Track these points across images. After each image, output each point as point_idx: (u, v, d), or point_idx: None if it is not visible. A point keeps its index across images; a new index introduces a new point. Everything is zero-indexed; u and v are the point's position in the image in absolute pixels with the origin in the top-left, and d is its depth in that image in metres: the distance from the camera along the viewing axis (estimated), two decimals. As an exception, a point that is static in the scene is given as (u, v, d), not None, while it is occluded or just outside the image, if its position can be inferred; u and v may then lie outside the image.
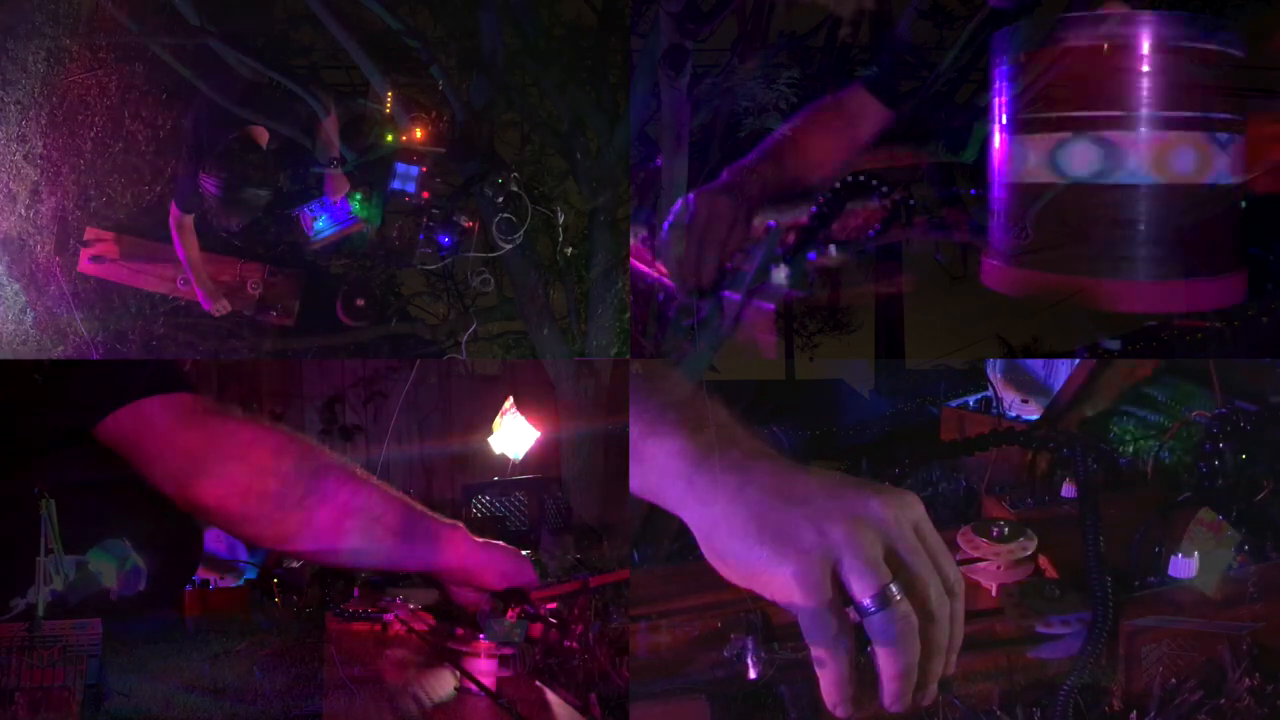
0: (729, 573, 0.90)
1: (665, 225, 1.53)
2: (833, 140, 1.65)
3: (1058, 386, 1.62)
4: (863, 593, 0.82)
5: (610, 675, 1.10)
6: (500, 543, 1.33)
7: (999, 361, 1.72)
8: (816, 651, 0.84)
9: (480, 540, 1.30)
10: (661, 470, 0.93)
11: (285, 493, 1.19)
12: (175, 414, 1.20)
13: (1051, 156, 1.25)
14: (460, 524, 1.30)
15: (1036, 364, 1.70)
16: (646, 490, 0.97)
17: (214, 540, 1.91)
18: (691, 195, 1.50)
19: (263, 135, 2.42)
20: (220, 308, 2.56)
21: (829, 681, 0.84)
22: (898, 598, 0.82)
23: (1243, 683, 0.98)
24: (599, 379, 3.05)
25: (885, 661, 0.83)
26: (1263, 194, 1.38)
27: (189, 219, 2.46)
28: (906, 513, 0.85)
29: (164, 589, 1.65)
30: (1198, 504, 1.20)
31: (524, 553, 1.35)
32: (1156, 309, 1.47)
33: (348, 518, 1.21)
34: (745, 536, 0.87)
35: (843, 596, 0.83)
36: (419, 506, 1.28)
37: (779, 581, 0.84)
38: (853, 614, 0.84)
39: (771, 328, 1.48)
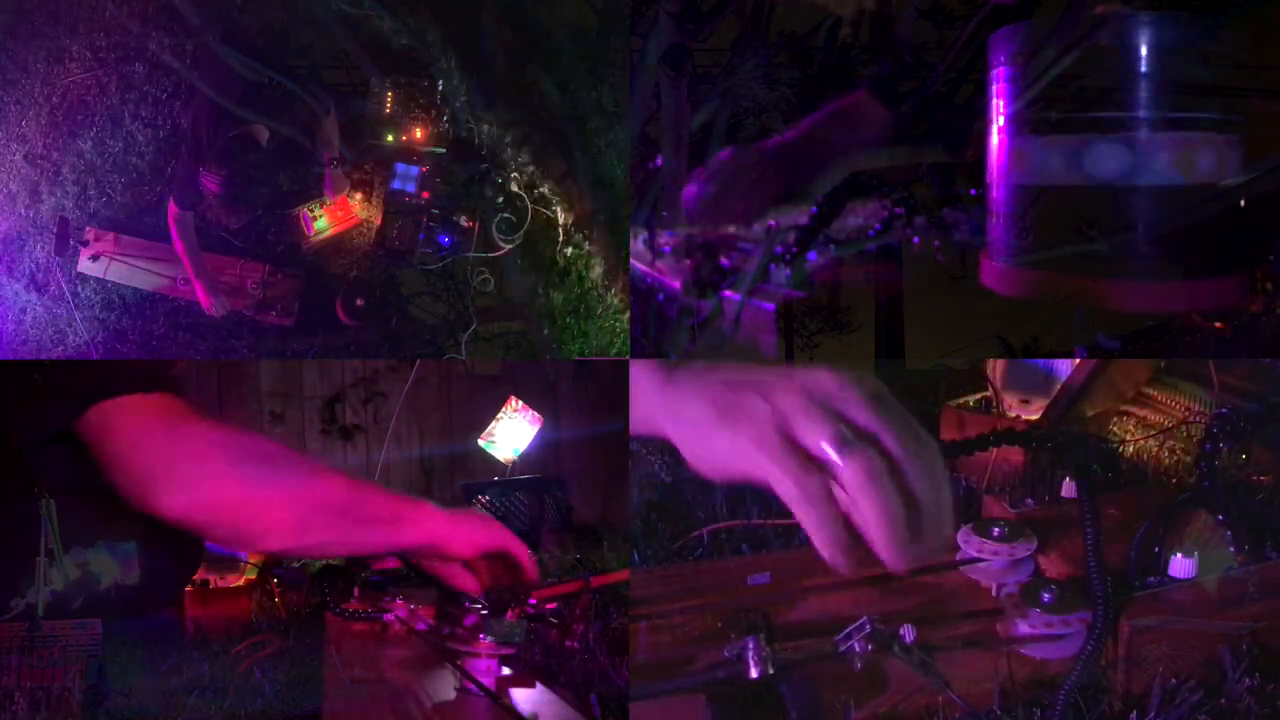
0: (708, 469, 0.89)
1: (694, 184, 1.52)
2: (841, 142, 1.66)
3: (1058, 386, 1.62)
4: (817, 444, 0.82)
5: (610, 675, 1.10)
6: (470, 509, 1.34)
7: (999, 361, 1.72)
8: (800, 515, 0.83)
9: (447, 511, 1.31)
10: (645, 400, 0.96)
11: (248, 497, 1.19)
12: (141, 416, 1.19)
13: (1064, 157, 1.25)
14: (425, 501, 1.31)
15: (1036, 364, 1.70)
16: (640, 424, 0.99)
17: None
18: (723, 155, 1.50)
19: (262, 133, 2.42)
20: (219, 306, 2.55)
21: (821, 539, 0.83)
22: (855, 439, 0.82)
23: (1243, 683, 0.98)
24: (599, 379, 3.05)
25: (866, 509, 0.81)
26: (1263, 194, 1.38)
27: (188, 216, 2.46)
28: (858, 385, 0.85)
29: (164, 589, 1.65)
30: (1198, 504, 1.20)
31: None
32: (1156, 309, 1.47)
33: (312, 514, 1.22)
34: (708, 424, 0.88)
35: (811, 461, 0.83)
36: (382, 491, 1.29)
37: (743, 457, 0.84)
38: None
39: (771, 328, 1.48)
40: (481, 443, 2.71)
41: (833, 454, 0.81)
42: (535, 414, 2.73)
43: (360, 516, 1.25)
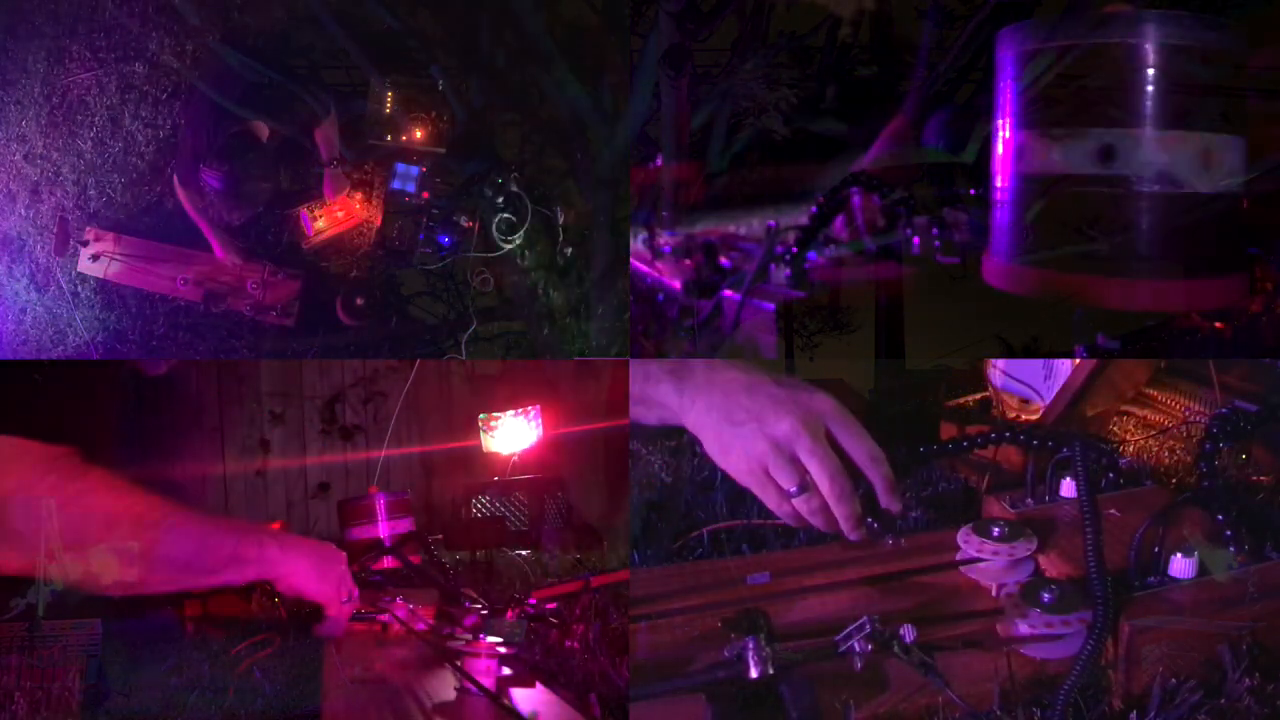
0: (716, 458, 1.24)
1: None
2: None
3: (1058, 386, 1.62)
4: (785, 482, 1.19)
5: (610, 675, 1.10)
6: (321, 549, 1.35)
7: (999, 361, 1.72)
8: (777, 512, 1.22)
9: (292, 545, 1.32)
10: (662, 396, 1.27)
11: (87, 562, 1.19)
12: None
13: (1066, 155, 1.25)
14: (266, 535, 1.31)
15: (1036, 364, 1.70)
16: (654, 412, 1.29)
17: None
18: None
19: (263, 130, 2.41)
20: (233, 259, 2.51)
21: (791, 521, 1.22)
22: (808, 489, 1.19)
23: (1243, 683, 0.98)
24: (599, 379, 3.05)
25: (814, 522, 1.20)
26: (1263, 194, 1.38)
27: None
28: (809, 422, 1.19)
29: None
30: (1198, 504, 1.20)
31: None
32: (1156, 309, 1.47)
33: (157, 570, 1.22)
34: (717, 446, 1.24)
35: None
36: (230, 532, 1.29)
37: (734, 467, 1.22)
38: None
39: (771, 328, 1.48)
40: (481, 442, 2.71)
41: (793, 492, 1.20)
42: (535, 414, 2.73)
43: (202, 567, 1.25)
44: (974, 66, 1.92)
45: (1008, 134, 1.34)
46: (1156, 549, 1.11)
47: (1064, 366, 1.63)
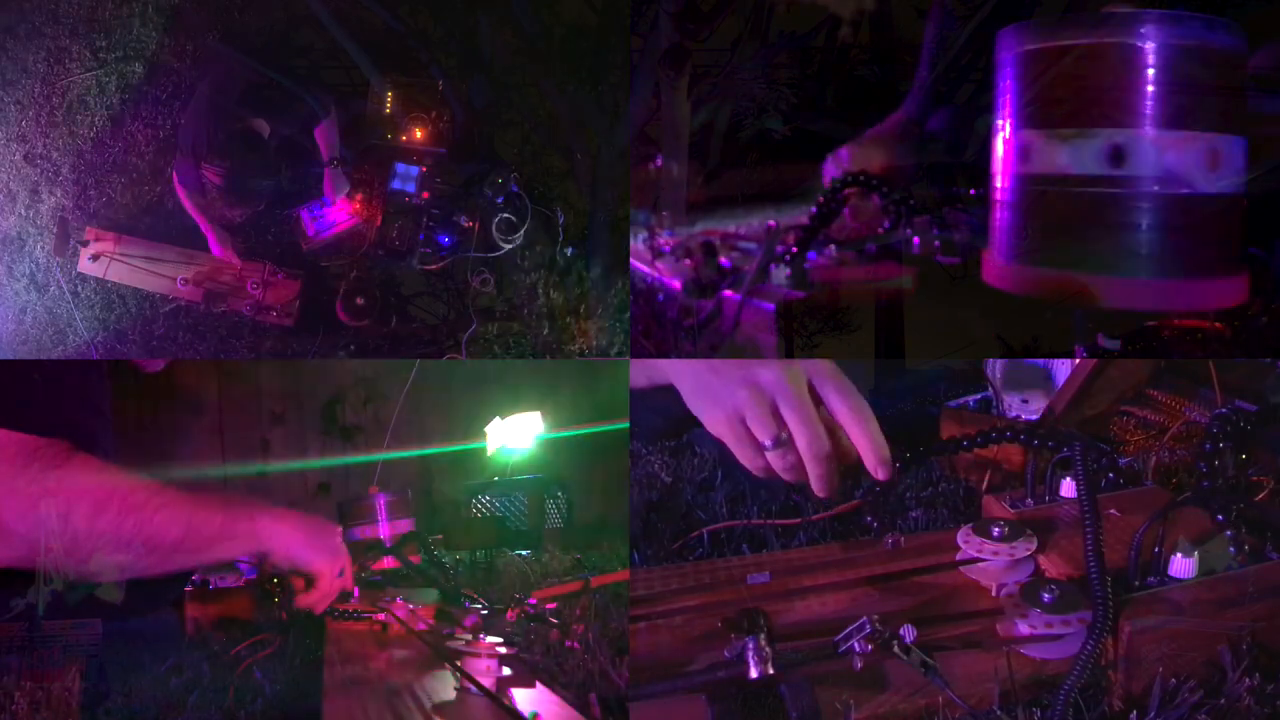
0: (693, 409, 1.23)
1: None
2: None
3: (1058, 386, 1.62)
4: (761, 435, 1.17)
5: (610, 675, 1.10)
6: (313, 517, 1.36)
7: (999, 361, 1.72)
8: (748, 467, 1.20)
9: (282, 520, 1.34)
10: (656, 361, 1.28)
11: (75, 548, 1.21)
12: None
13: (1066, 155, 1.25)
14: (261, 513, 1.32)
15: (1036, 364, 1.70)
16: (652, 377, 1.29)
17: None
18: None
19: (264, 127, 2.41)
20: (228, 256, 2.52)
21: (763, 475, 1.20)
22: (784, 440, 1.16)
23: (1243, 683, 0.98)
24: (599, 379, 3.05)
25: (787, 478, 1.20)
26: (1263, 194, 1.38)
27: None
28: (794, 375, 1.16)
29: (164, 589, 1.65)
30: (1198, 504, 1.20)
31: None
32: (1156, 308, 1.46)
33: (148, 555, 1.24)
34: (692, 399, 1.22)
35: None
36: (219, 508, 1.30)
37: (712, 425, 1.20)
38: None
39: (771, 328, 1.48)
40: (482, 443, 2.71)
41: (767, 446, 1.17)
42: (535, 414, 2.73)
43: (194, 545, 1.27)
44: (974, 66, 1.91)
45: (1008, 134, 1.34)
46: (1156, 549, 1.11)
47: (1064, 366, 1.63)
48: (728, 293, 1.36)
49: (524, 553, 2.10)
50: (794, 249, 1.60)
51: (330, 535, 1.37)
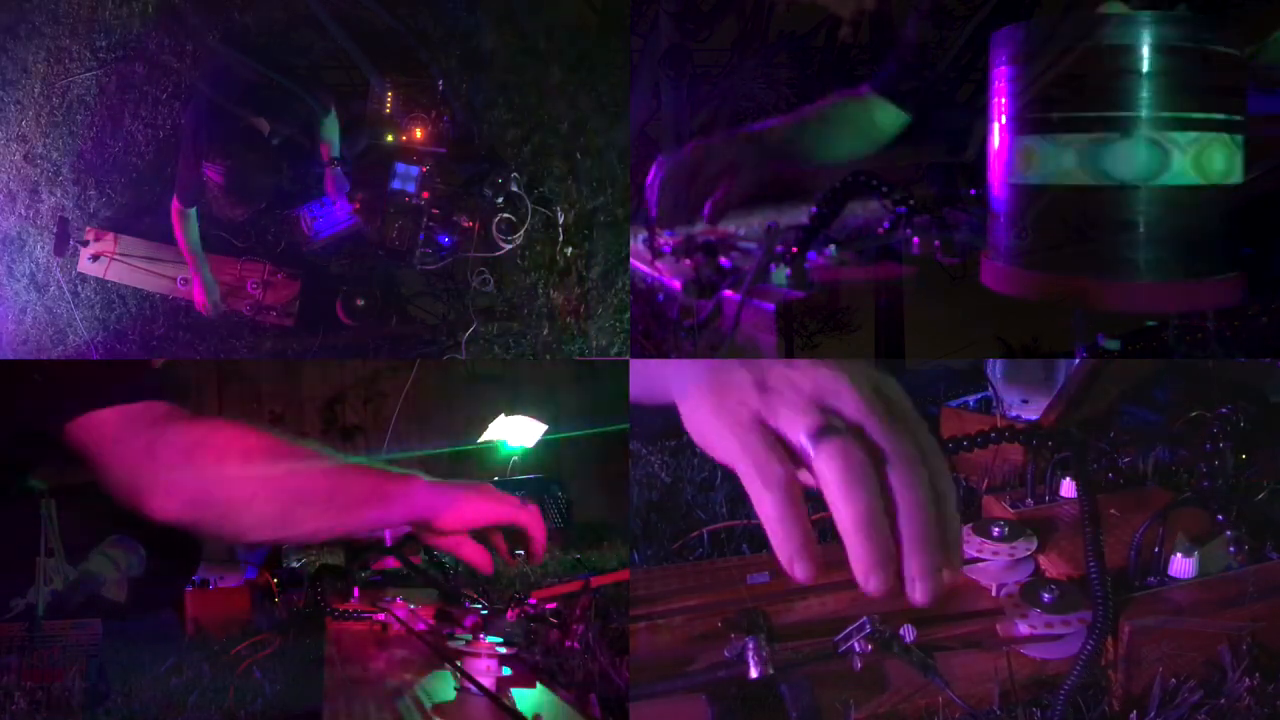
0: (695, 437, 0.87)
1: (652, 173, 1.53)
2: (846, 135, 1.66)
3: (1058, 386, 1.62)
4: (797, 435, 0.75)
5: (610, 675, 1.10)
6: (474, 483, 1.34)
7: (999, 361, 1.72)
8: (757, 505, 0.77)
9: (442, 484, 1.31)
10: (658, 368, 0.97)
11: (231, 495, 1.19)
12: (122, 425, 1.20)
13: (1066, 157, 1.25)
14: (415, 475, 1.30)
15: (1036, 364, 1.70)
16: (650, 389, 0.99)
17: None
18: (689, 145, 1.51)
19: (264, 125, 2.41)
20: (214, 307, 2.54)
21: (775, 535, 0.77)
22: (841, 428, 0.74)
23: (1243, 683, 0.98)
24: (599, 379, 3.05)
25: (836, 505, 0.74)
26: (1262, 194, 1.38)
27: (191, 211, 2.46)
28: (859, 378, 0.79)
29: (164, 589, 1.65)
30: (1198, 504, 1.20)
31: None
32: (1156, 309, 1.46)
33: (299, 507, 1.22)
34: (700, 397, 0.84)
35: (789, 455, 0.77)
36: (372, 471, 1.29)
37: (717, 436, 0.81)
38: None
39: (771, 328, 1.48)
40: (481, 443, 2.71)
41: (808, 444, 0.74)
42: (535, 414, 2.73)
43: (346, 502, 1.24)
44: (974, 66, 1.91)
45: (1004, 136, 1.34)
46: (1156, 549, 1.11)
47: (1064, 366, 1.63)
48: (728, 293, 1.36)
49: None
50: (794, 249, 1.60)
51: (491, 490, 1.34)
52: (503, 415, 2.71)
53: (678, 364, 0.91)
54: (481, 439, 2.72)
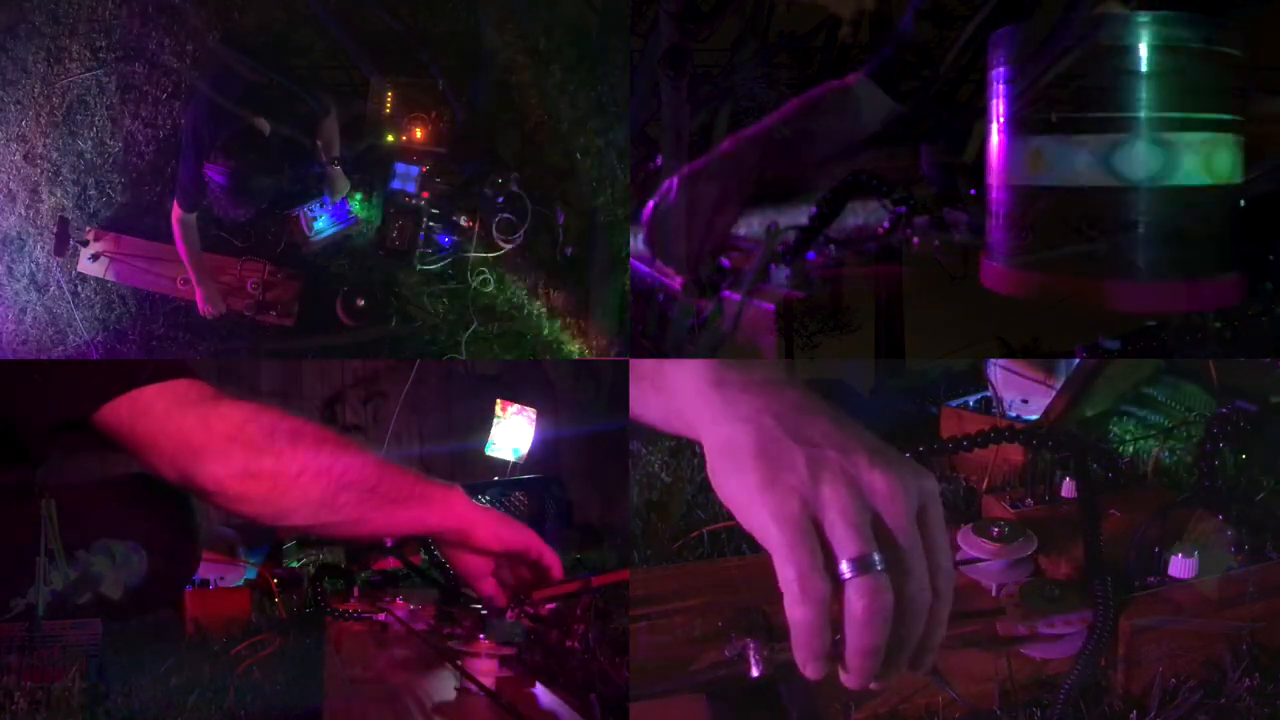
0: (722, 495, 0.86)
1: (650, 205, 1.53)
2: (834, 130, 1.65)
3: (1058, 386, 1.62)
4: (842, 553, 0.78)
5: (610, 675, 1.10)
6: (494, 510, 1.35)
7: (999, 361, 1.72)
8: (789, 608, 0.78)
9: (478, 504, 1.32)
10: (682, 390, 0.94)
11: (280, 469, 1.19)
12: (171, 399, 1.21)
13: (1063, 156, 1.25)
14: (457, 486, 1.31)
15: (1036, 364, 1.70)
16: (667, 415, 0.98)
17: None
18: (675, 179, 1.50)
19: (265, 125, 2.41)
20: (214, 311, 2.54)
21: (799, 641, 0.78)
22: (879, 568, 0.77)
23: (1243, 683, 0.98)
24: (599, 379, 3.05)
25: (853, 634, 0.77)
26: (1262, 194, 1.38)
27: (191, 217, 2.46)
28: (911, 493, 0.81)
29: (164, 589, 1.65)
30: (1198, 504, 1.20)
31: None
32: (1156, 309, 1.47)
33: (343, 491, 1.22)
34: (743, 458, 0.83)
35: (824, 554, 0.79)
36: (413, 473, 1.29)
37: (758, 513, 0.81)
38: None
39: (771, 328, 1.48)
40: (481, 443, 2.71)
41: (847, 568, 0.77)
42: (535, 414, 2.73)
43: (389, 495, 1.24)
44: (974, 66, 1.91)
45: (1003, 137, 1.34)
46: (1156, 549, 1.11)
47: (1064, 366, 1.63)
48: (728, 293, 1.36)
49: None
50: (794, 249, 1.60)
51: (513, 521, 1.36)
52: (502, 415, 2.71)
53: (712, 407, 0.89)
54: (481, 439, 2.72)
